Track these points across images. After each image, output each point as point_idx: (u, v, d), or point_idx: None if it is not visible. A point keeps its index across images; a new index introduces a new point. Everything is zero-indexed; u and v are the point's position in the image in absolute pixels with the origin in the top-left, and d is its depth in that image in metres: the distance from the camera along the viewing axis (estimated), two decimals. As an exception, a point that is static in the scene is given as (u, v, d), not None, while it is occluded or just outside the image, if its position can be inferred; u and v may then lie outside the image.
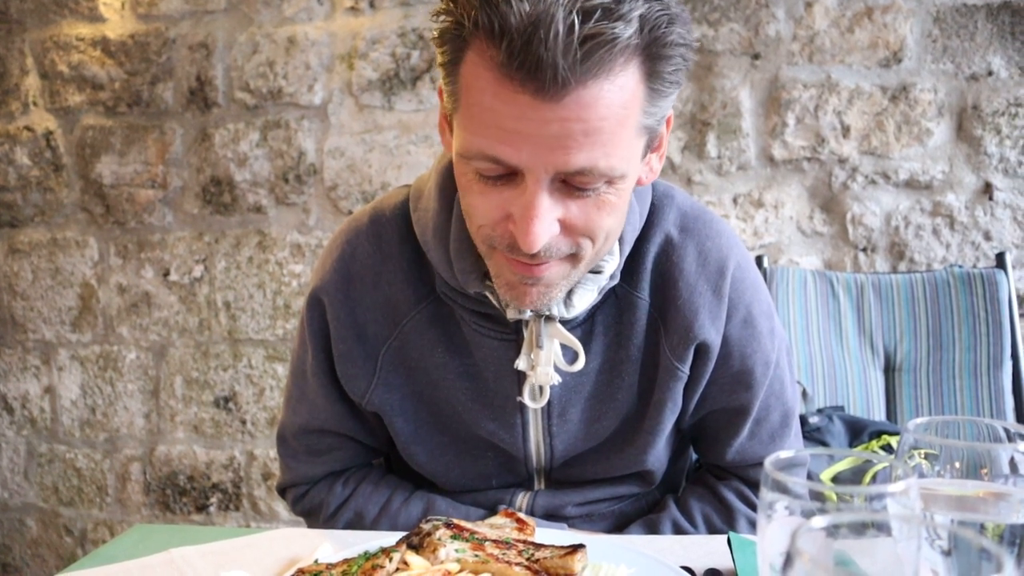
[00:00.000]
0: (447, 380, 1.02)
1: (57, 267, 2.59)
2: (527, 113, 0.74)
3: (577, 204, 0.81)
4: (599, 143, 0.76)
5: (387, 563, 0.80)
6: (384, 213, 1.02)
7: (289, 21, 2.41)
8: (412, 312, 1.01)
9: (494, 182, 0.80)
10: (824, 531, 0.45)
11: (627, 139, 0.79)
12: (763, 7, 2.21)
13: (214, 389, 2.54)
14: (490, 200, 0.82)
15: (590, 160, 0.76)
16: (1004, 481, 0.60)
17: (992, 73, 2.15)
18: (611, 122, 0.76)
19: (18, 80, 2.55)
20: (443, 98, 0.85)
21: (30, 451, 2.67)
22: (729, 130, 2.26)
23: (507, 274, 0.87)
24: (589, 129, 0.75)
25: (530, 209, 0.78)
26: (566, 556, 0.82)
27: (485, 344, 0.99)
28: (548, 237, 0.80)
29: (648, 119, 0.81)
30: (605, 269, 0.95)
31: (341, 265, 1.01)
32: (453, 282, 0.96)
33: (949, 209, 2.19)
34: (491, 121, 0.76)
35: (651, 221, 1.00)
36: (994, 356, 1.77)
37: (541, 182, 0.78)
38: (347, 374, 1.03)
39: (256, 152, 2.45)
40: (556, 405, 1.02)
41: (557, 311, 0.94)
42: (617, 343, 1.01)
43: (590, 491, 1.08)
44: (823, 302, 1.85)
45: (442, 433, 1.06)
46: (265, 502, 2.55)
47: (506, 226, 0.82)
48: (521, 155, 0.76)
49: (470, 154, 0.79)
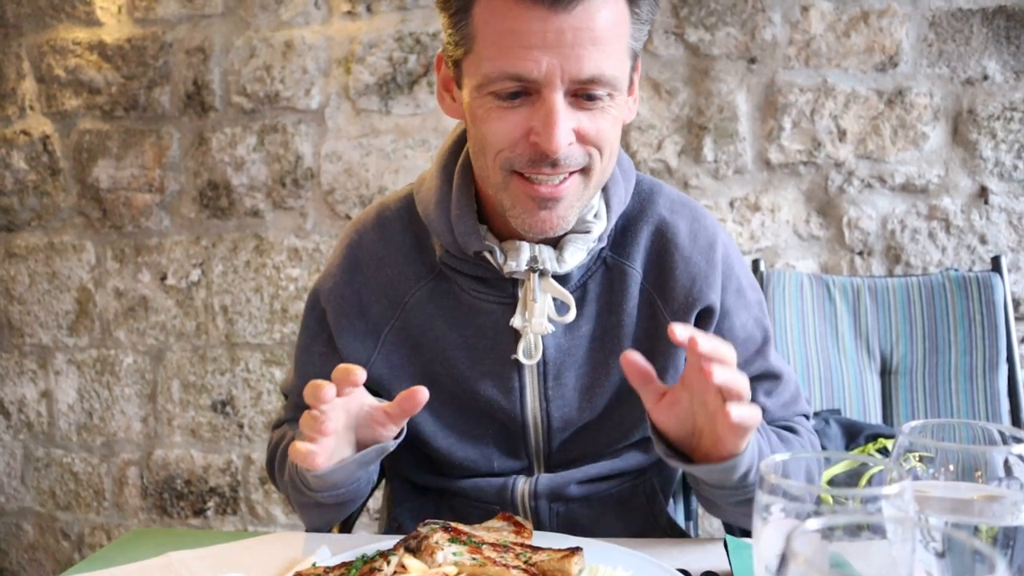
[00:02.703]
0: (446, 352, 1.08)
1: (54, 271, 2.59)
2: (545, 25, 0.87)
3: (587, 116, 0.92)
4: (604, 52, 0.89)
5: (385, 566, 0.80)
6: (389, 206, 1.13)
7: (286, 25, 2.41)
8: (413, 289, 1.09)
9: (511, 104, 0.91)
10: (819, 533, 0.45)
11: (621, 55, 0.92)
12: (759, 11, 2.22)
13: (211, 393, 2.53)
14: (508, 121, 0.92)
15: (598, 67, 0.89)
16: (998, 484, 0.61)
17: (987, 77, 2.16)
18: (610, 34, 0.89)
19: (15, 84, 2.55)
20: (443, 63, 0.99)
21: (27, 455, 2.67)
22: (725, 134, 2.26)
23: (524, 202, 0.95)
24: (596, 38, 0.88)
25: (551, 115, 0.89)
26: (563, 559, 0.82)
27: (484, 308, 1.06)
28: (568, 141, 0.91)
29: (633, 42, 0.94)
30: (593, 230, 1.03)
31: (349, 252, 1.12)
32: (453, 248, 1.04)
33: (945, 213, 2.20)
34: (511, 42, 0.88)
35: (644, 207, 1.10)
36: (990, 359, 1.77)
37: (558, 92, 0.89)
38: (348, 347, 1.09)
39: (253, 156, 2.45)
40: (552, 368, 1.07)
41: (550, 266, 1.02)
42: (608, 310, 1.08)
43: (591, 467, 1.10)
44: (819, 305, 1.86)
45: (443, 406, 1.09)
46: (263, 506, 2.54)
47: (526, 143, 0.92)
48: (541, 66, 0.88)
49: (491, 78, 0.90)
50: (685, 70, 2.27)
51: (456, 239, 1.03)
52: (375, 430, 0.95)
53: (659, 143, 2.28)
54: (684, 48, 2.26)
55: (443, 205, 1.04)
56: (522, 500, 1.09)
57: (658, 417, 0.89)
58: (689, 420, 0.88)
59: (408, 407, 0.92)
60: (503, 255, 1.02)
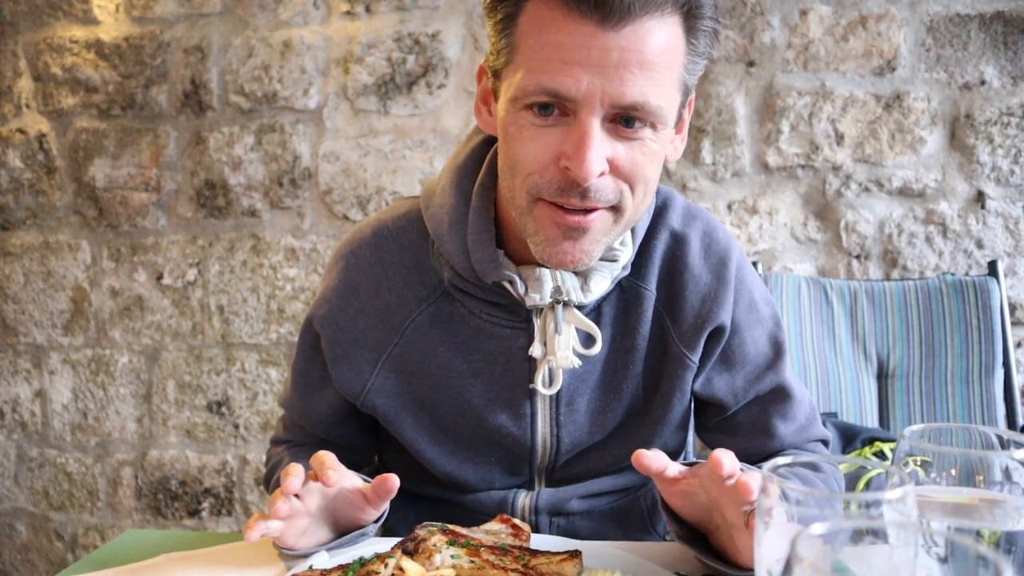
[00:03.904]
0: (451, 379, 1.04)
1: (49, 270, 2.57)
2: (590, 42, 0.81)
3: (624, 147, 0.87)
4: (650, 79, 0.83)
5: (382, 569, 0.79)
6: (386, 225, 1.06)
7: (285, 25, 2.40)
8: (413, 314, 1.03)
9: (546, 124, 0.86)
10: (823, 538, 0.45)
11: (671, 86, 0.86)
12: (758, 15, 2.23)
13: (207, 393, 2.53)
14: (541, 143, 0.86)
15: (642, 94, 0.83)
16: (999, 488, 0.61)
17: (985, 82, 2.17)
18: (661, 60, 0.84)
19: (11, 82, 2.54)
20: (485, 74, 0.94)
21: (20, 455, 2.65)
22: (724, 137, 2.26)
23: (549, 229, 0.90)
24: (643, 62, 0.82)
25: (584, 138, 0.83)
26: (562, 562, 0.81)
27: (496, 334, 1.02)
28: (599, 169, 0.85)
29: (686, 75, 0.89)
30: (620, 258, 0.99)
31: (344, 276, 1.05)
32: (467, 273, 0.99)
33: (942, 217, 2.20)
34: (554, 56, 0.83)
35: (657, 220, 1.05)
36: (986, 363, 1.78)
37: (595, 115, 0.84)
38: (341, 376, 1.05)
39: (251, 156, 2.44)
40: (565, 394, 1.04)
41: (575, 297, 0.97)
42: (623, 333, 1.04)
43: (593, 483, 1.09)
44: (816, 309, 1.86)
45: (445, 433, 1.07)
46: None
47: (555, 169, 0.87)
48: (581, 85, 0.82)
49: (527, 91, 0.85)
50: (683, 73, 2.27)
51: (472, 265, 0.98)
52: (354, 512, 0.92)
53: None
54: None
55: (458, 226, 0.99)
56: (522, 514, 1.08)
57: (672, 500, 0.85)
58: (705, 510, 0.84)
59: (383, 493, 0.88)
60: (523, 285, 0.97)
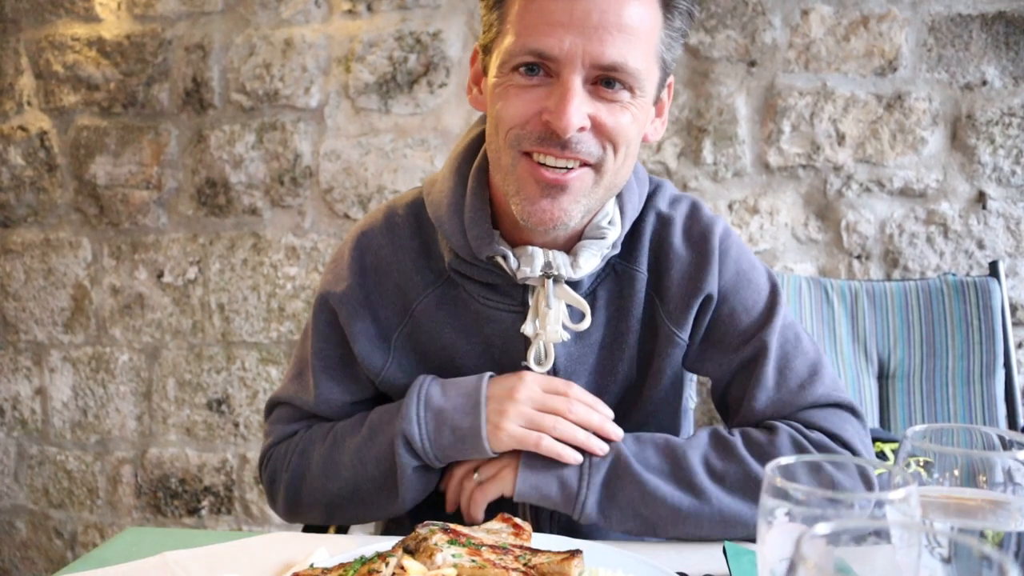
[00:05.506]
0: (455, 359, 1.08)
1: (50, 268, 2.57)
2: (572, 5, 0.88)
3: (606, 107, 0.92)
4: (629, 42, 0.89)
5: (383, 568, 0.79)
6: (397, 210, 1.11)
7: (286, 23, 2.40)
8: (421, 296, 1.07)
9: (531, 83, 0.92)
10: (826, 538, 0.45)
11: (649, 53, 0.93)
12: (760, 15, 2.22)
13: (207, 391, 2.52)
14: (524, 99, 0.92)
15: (621, 55, 0.89)
16: (1002, 489, 0.60)
17: (986, 83, 2.17)
18: (639, 26, 0.90)
19: (12, 80, 2.54)
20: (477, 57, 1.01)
21: (20, 453, 2.65)
22: (725, 137, 2.26)
23: (529, 186, 0.94)
24: (622, 25, 0.89)
25: (567, 94, 0.89)
26: (563, 561, 0.81)
27: (493, 317, 1.05)
28: (579, 123, 0.90)
29: (665, 51, 0.95)
30: (608, 236, 1.02)
31: (359, 255, 1.10)
32: (464, 252, 1.02)
33: (943, 218, 2.20)
34: (537, 19, 0.90)
35: (647, 204, 1.10)
36: (987, 364, 1.78)
37: (577, 73, 0.90)
38: (364, 350, 1.08)
39: (252, 154, 2.44)
40: (562, 375, 1.06)
41: (565, 272, 1.00)
42: (618, 316, 1.07)
43: None
44: (817, 309, 1.86)
45: None
46: (257, 505, 2.53)
47: (537, 121, 0.92)
48: (563, 44, 0.88)
49: (514, 53, 0.91)
50: (685, 72, 2.27)
51: (468, 242, 1.01)
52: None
53: (658, 145, 2.28)
54: (684, 50, 2.26)
55: (456, 207, 1.03)
56: (522, 506, 1.08)
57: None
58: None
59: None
60: (516, 260, 1.00)
